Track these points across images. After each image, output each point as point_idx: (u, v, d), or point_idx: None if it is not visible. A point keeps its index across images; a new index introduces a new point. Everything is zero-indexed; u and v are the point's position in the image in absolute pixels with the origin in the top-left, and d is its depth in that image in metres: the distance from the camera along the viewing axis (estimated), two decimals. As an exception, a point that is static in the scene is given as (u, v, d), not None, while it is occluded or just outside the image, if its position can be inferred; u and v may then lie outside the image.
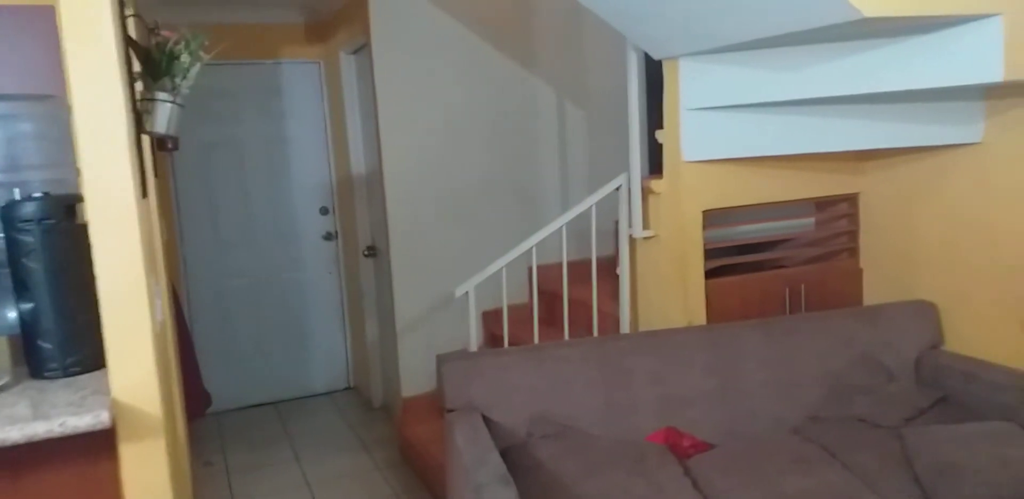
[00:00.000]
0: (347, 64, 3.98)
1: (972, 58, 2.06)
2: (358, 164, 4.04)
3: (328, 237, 4.34)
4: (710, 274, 2.79)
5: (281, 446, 3.68)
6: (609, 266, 3.02)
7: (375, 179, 3.75)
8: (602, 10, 2.48)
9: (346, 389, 4.45)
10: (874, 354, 2.54)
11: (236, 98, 4.13)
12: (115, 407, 1.43)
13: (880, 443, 2.18)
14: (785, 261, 2.97)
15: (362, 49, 3.70)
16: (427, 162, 3.59)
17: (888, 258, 2.88)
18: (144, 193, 1.82)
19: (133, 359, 1.47)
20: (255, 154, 4.19)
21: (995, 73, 2.02)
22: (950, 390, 2.40)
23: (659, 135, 2.79)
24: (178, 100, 1.83)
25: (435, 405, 3.37)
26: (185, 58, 1.80)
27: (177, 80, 1.81)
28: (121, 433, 1.46)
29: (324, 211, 4.32)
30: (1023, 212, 2.38)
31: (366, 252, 3.97)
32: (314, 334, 4.37)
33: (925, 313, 2.62)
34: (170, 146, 3.84)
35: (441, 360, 2.42)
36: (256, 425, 3.98)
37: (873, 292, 2.95)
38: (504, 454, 2.29)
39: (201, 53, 1.84)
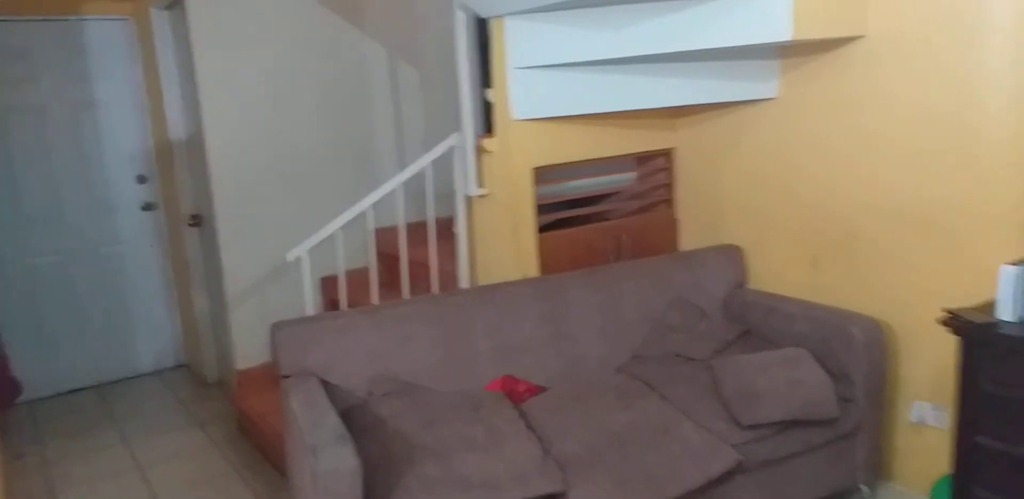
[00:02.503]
0: (159, 21, 3.69)
1: (764, 19, 2.24)
2: (177, 128, 3.78)
3: (147, 207, 4.05)
4: (543, 229, 2.89)
5: (105, 430, 3.45)
6: (448, 225, 3.04)
7: (197, 144, 3.54)
8: (424, -35, 2.46)
9: (177, 367, 4.22)
10: (688, 295, 2.75)
11: (32, 59, 3.72)
12: None
13: (693, 375, 2.39)
14: (610, 214, 3.13)
15: (175, 5, 3.44)
16: (253, 125, 3.43)
17: (700, 208, 3.11)
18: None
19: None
20: (60, 120, 3.81)
21: (784, 33, 2.22)
22: (753, 323, 2.66)
23: (488, 94, 2.83)
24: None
25: (272, 376, 3.28)
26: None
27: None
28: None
29: (142, 180, 4.02)
30: (812, 162, 2.65)
31: (190, 221, 3.75)
32: (138, 311, 4.09)
33: (732, 256, 2.87)
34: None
35: (275, 327, 2.36)
36: (76, 411, 3.70)
37: (688, 239, 3.19)
38: (344, 415, 2.28)
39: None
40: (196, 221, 3.76)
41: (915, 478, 2.50)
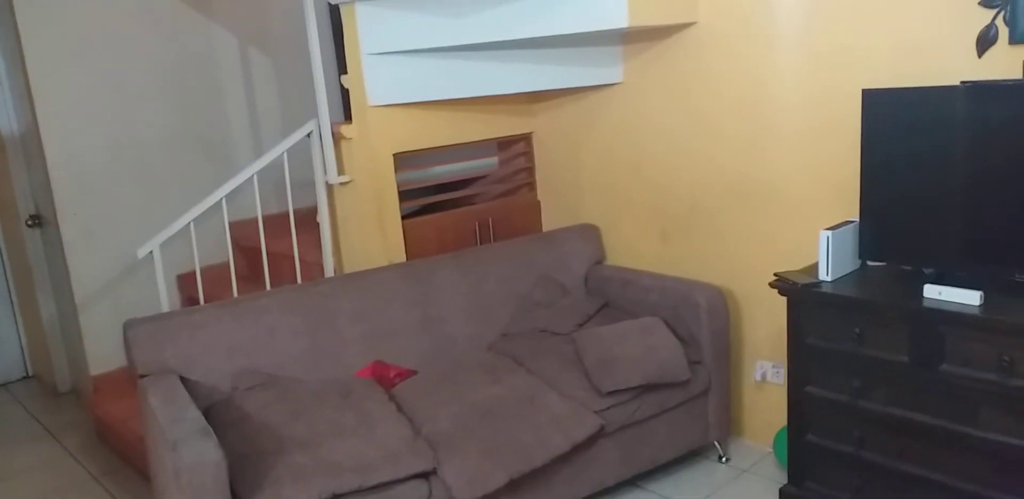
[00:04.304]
0: (-22, 5, 3.39)
1: (602, 7, 2.35)
2: (8, 121, 3.50)
3: (-21, 209, 3.73)
4: (408, 215, 2.90)
5: (-55, 450, 3.18)
6: (313, 216, 3.00)
7: (31, 138, 3.29)
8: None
9: (25, 378, 3.93)
10: (551, 273, 2.86)
11: None
12: None
13: (558, 348, 2.49)
14: (475, 199, 3.19)
15: (-6, -15, 3.18)
16: (93, 116, 3.23)
17: (560, 190, 3.23)
18: None
19: None
20: None
21: (620, 20, 2.34)
22: (611, 296, 2.80)
23: (344, 80, 2.80)
24: None
25: (130, 379, 3.12)
26: None
27: None
28: None
29: (-31, 178, 3.70)
30: (656, 143, 2.81)
31: (29, 222, 3.49)
32: (-25, 321, 3.78)
33: (590, 235, 3.00)
34: None
35: (128, 325, 2.26)
36: (-91, 433, 3.38)
37: (550, 221, 3.30)
38: (208, 412, 2.22)
39: None
40: (36, 221, 3.50)
41: (761, 432, 2.73)
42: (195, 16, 3.49)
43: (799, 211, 2.47)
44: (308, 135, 2.80)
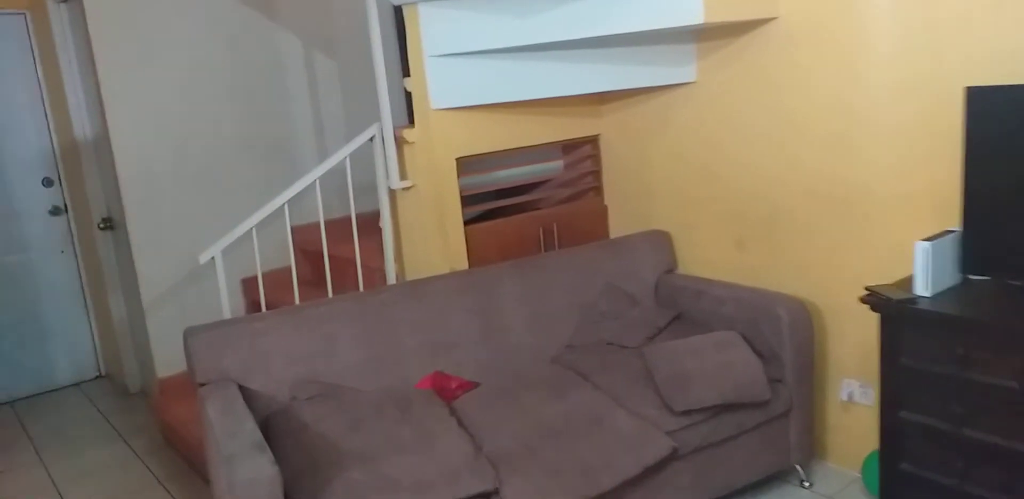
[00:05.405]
0: (57, 14, 3.48)
1: (676, 3, 2.22)
2: (83, 128, 3.58)
3: (56, 211, 3.83)
4: (471, 221, 2.82)
5: (20, 448, 3.25)
6: (376, 221, 2.96)
7: (103, 143, 3.35)
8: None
9: (98, 378, 4.02)
10: (619, 282, 2.73)
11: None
12: None
13: (626, 362, 2.36)
14: (539, 204, 3.08)
15: (71, -5, 3.25)
16: (161, 122, 3.27)
17: (628, 194, 3.09)
18: None
19: None
20: (-49, 121, 3.57)
21: (695, 16, 2.20)
22: (683, 308, 2.65)
23: (407, 83, 2.74)
24: None
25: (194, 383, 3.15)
26: None
27: None
28: None
29: (48, 183, 3.80)
30: (734, 145, 2.65)
31: (102, 225, 3.56)
32: (51, 321, 3.87)
33: (660, 242, 2.86)
34: None
35: (188, 333, 2.24)
36: (-13, 430, 3.49)
37: (618, 226, 3.17)
38: (265, 422, 2.19)
39: None
40: (108, 224, 3.57)
41: (848, 455, 2.53)
42: (260, 20, 3.49)
43: (891, 217, 2.28)
44: (371, 139, 2.75)
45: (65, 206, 3.85)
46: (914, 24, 2.11)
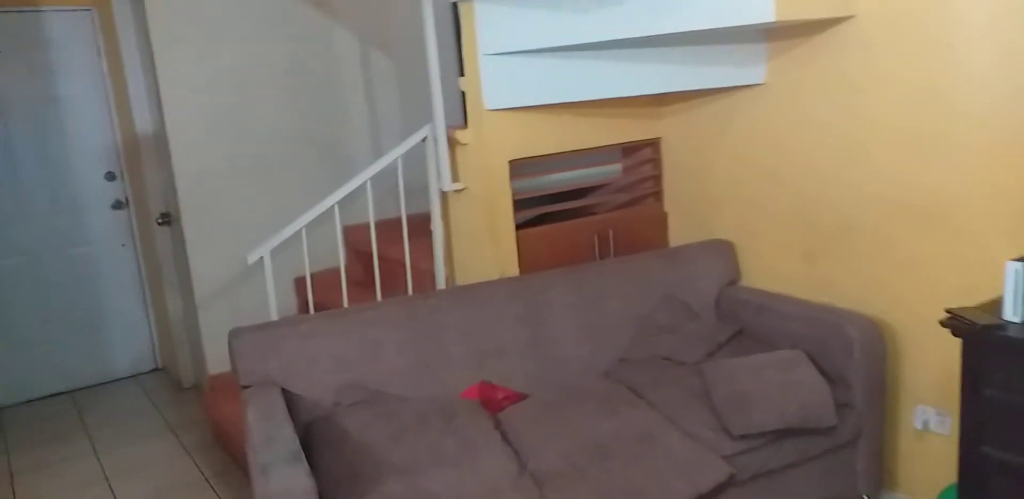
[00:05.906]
0: (122, 11, 3.54)
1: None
2: (144, 123, 3.63)
3: (118, 205, 3.90)
4: (524, 225, 2.74)
5: (76, 438, 3.32)
6: (427, 222, 2.90)
7: (161, 139, 3.39)
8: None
9: (154, 370, 4.09)
10: (677, 293, 2.60)
11: (-10, 51, 3.57)
12: None
13: (683, 379, 2.24)
14: (595, 209, 2.97)
15: (137, -8, 3.29)
16: (217, 119, 3.28)
17: (689, 200, 2.95)
18: None
19: None
20: (22, 116, 3.65)
21: (766, 14, 2.05)
22: (745, 323, 2.51)
23: (461, 83, 2.67)
24: None
25: (245, 380, 3.15)
26: None
27: None
28: None
29: (111, 177, 3.87)
30: (806, 150, 2.49)
31: (160, 220, 3.61)
32: (112, 313, 3.95)
33: (722, 251, 2.72)
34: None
35: (233, 334, 2.22)
36: (47, 418, 3.57)
37: (677, 234, 3.03)
38: (308, 428, 2.15)
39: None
40: (166, 220, 3.62)
41: (920, 487, 2.36)
42: (316, 17, 3.48)
43: (977, 234, 2.10)
44: (423, 140, 2.69)
45: (127, 200, 3.92)
46: (1007, 24, 1.93)
